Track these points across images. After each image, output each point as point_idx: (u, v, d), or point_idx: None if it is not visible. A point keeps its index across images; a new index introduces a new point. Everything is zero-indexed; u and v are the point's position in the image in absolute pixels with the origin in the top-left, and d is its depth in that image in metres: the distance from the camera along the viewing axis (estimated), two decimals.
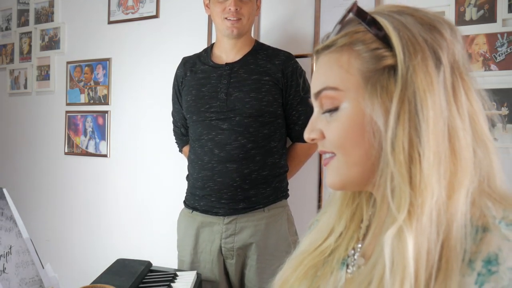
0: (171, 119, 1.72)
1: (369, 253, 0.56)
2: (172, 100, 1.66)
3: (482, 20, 1.45)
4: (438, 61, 0.47)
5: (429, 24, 0.49)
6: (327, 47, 0.54)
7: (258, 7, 1.56)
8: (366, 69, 0.50)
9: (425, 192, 0.45)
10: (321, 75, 0.55)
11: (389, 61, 0.49)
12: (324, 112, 0.55)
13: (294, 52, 1.63)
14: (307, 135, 0.57)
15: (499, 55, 1.43)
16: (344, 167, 0.54)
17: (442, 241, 0.45)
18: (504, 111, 1.41)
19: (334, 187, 0.56)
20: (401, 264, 0.44)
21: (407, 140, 0.46)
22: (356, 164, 0.52)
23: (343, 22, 0.53)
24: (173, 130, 1.73)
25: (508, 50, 1.42)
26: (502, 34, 1.43)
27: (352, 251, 0.59)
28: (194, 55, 1.62)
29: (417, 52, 0.47)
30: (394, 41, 0.48)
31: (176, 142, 1.74)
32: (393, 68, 0.49)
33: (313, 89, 0.56)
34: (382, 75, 0.49)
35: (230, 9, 1.43)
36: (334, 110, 0.53)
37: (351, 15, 0.52)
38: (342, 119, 0.52)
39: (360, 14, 0.50)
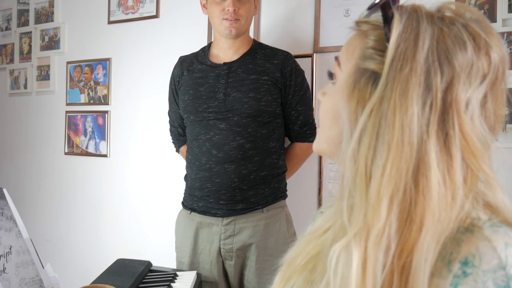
0: (168, 118, 1.72)
1: None
2: (169, 99, 1.65)
3: None
4: (427, 85, 0.43)
5: (446, 47, 0.44)
6: (355, 25, 0.53)
7: (256, 7, 1.56)
8: (359, 63, 0.49)
9: (372, 214, 0.43)
10: (343, 46, 0.55)
11: (375, 66, 0.47)
12: (331, 77, 0.57)
13: (294, 52, 1.63)
14: (318, 96, 0.60)
15: (507, 55, 1.43)
16: (320, 139, 0.58)
17: (401, 276, 0.43)
18: (504, 111, 1.41)
19: (314, 150, 0.61)
20: (345, 279, 0.43)
21: (371, 155, 0.44)
22: (327, 142, 0.56)
23: (372, 9, 0.51)
24: (170, 130, 1.72)
25: (508, 50, 1.42)
26: (502, 34, 1.43)
27: None
28: (191, 54, 1.62)
29: (404, 67, 0.43)
30: (389, 50, 0.45)
31: (172, 142, 1.74)
32: (375, 76, 0.46)
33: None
34: (363, 77, 0.48)
35: (228, 10, 1.42)
36: (334, 80, 0.56)
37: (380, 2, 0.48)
38: (328, 97, 0.56)
39: (384, 6, 0.47)
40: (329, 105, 0.55)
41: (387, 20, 0.46)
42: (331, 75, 0.57)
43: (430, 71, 0.43)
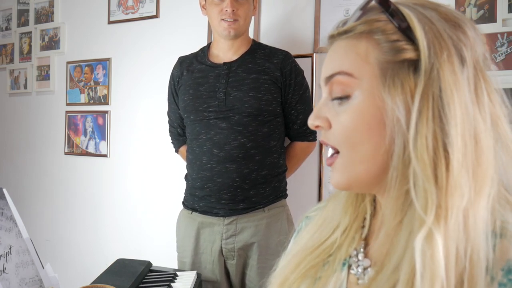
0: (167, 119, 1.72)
1: (378, 256, 0.54)
2: (168, 100, 1.65)
3: (482, 20, 1.45)
4: (462, 60, 0.46)
5: (453, 21, 0.48)
6: (345, 33, 0.52)
7: (255, 7, 1.56)
8: (384, 60, 0.48)
9: (455, 194, 0.43)
10: (335, 59, 0.52)
11: (409, 55, 0.47)
12: (333, 99, 0.52)
13: (294, 52, 1.63)
14: (311, 121, 0.54)
15: (499, 55, 1.43)
16: (350, 164, 0.51)
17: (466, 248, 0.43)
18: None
19: (339, 187, 0.53)
20: (430, 269, 0.42)
21: (431, 138, 0.44)
22: (363, 161, 0.50)
23: (364, 9, 0.51)
24: (169, 131, 1.72)
25: (508, 50, 1.42)
26: (502, 34, 1.43)
27: (355, 252, 0.57)
28: (191, 54, 1.62)
29: (443, 49, 0.46)
30: (419, 35, 0.46)
31: (172, 142, 1.73)
32: (413, 63, 0.47)
33: (325, 73, 0.53)
34: (402, 69, 0.47)
35: (226, 10, 1.43)
36: (344, 98, 0.50)
37: (373, 2, 0.50)
38: (352, 110, 0.50)
39: (383, 2, 0.49)
40: (359, 118, 0.49)
41: (394, 12, 0.48)
42: (339, 98, 0.52)
43: (459, 46, 0.47)
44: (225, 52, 1.53)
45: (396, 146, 0.47)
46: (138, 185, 2.16)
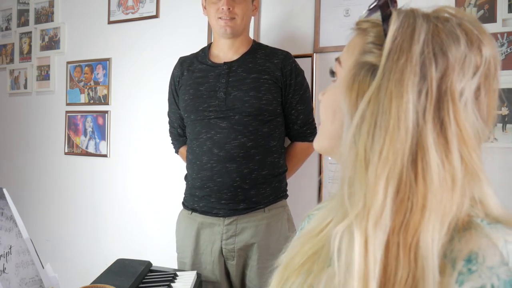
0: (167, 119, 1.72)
1: None
2: (169, 100, 1.65)
3: (482, 20, 1.45)
4: (423, 75, 0.45)
5: (440, 40, 0.46)
6: (356, 25, 0.56)
7: (256, 8, 1.56)
8: (359, 58, 0.51)
9: (371, 196, 0.45)
10: (345, 47, 0.58)
11: (371, 59, 0.49)
12: (333, 75, 0.59)
13: (294, 52, 1.63)
14: (319, 96, 0.63)
15: (499, 55, 1.43)
16: (321, 136, 0.60)
17: (411, 265, 0.44)
18: (504, 111, 1.41)
19: (315, 149, 0.62)
20: (348, 260, 0.45)
21: (370, 141, 0.46)
22: (328, 138, 0.58)
23: (372, 9, 0.54)
24: (169, 131, 1.72)
25: (508, 50, 1.42)
26: (502, 34, 1.43)
27: None
28: (191, 54, 1.62)
29: (400, 58, 0.46)
30: (386, 42, 0.47)
31: (172, 143, 1.73)
32: (374, 68, 0.49)
33: None
34: (362, 71, 0.50)
35: (223, 8, 1.44)
36: (335, 78, 0.58)
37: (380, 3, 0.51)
38: (328, 92, 0.58)
39: (383, 6, 0.50)
40: (330, 100, 0.57)
41: (386, 18, 0.49)
42: (332, 73, 0.59)
43: (425, 62, 0.45)
44: (226, 52, 1.53)
45: (343, 134, 0.51)
46: (138, 185, 2.16)
